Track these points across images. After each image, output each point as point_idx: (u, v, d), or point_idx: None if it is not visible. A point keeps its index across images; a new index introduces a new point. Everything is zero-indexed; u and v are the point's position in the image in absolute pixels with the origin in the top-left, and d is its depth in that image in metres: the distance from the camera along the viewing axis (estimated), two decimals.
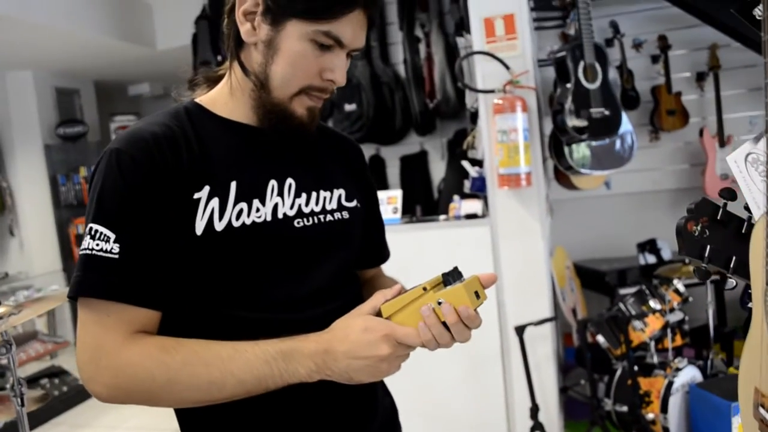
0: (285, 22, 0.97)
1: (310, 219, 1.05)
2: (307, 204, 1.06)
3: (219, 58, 4.47)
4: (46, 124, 5.81)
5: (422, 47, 4.19)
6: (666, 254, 3.88)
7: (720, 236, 0.83)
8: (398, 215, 2.97)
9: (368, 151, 4.33)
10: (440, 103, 4.09)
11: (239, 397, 0.93)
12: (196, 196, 0.95)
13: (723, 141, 3.94)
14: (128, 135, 0.97)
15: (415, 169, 4.52)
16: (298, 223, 1.03)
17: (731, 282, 0.88)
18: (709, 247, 0.81)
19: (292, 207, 1.04)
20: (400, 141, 4.41)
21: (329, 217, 1.08)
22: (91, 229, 0.92)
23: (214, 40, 4.50)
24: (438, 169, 4.48)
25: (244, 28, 1.00)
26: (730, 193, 0.87)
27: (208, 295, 0.98)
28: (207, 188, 0.96)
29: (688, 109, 4.06)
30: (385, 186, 4.37)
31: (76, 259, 5.65)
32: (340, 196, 1.12)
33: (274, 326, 0.96)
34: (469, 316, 0.89)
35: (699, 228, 0.81)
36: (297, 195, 1.05)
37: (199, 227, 0.95)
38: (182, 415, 1.04)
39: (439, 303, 0.89)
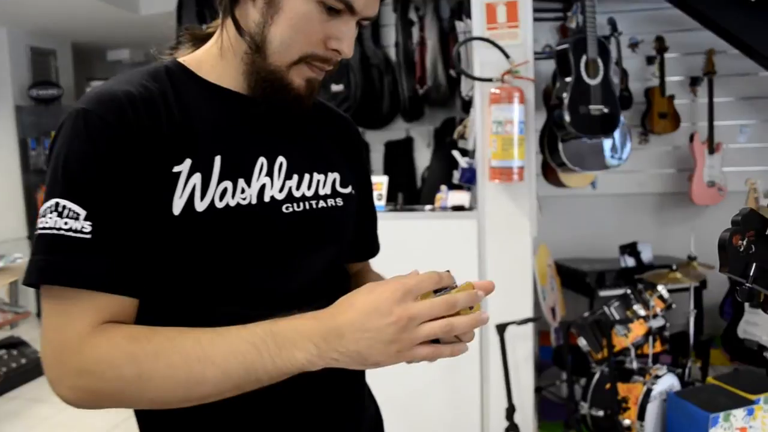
0: None
1: (301, 204, 0.93)
2: (298, 187, 0.94)
3: (204, 27, 4.30)
4: (18, 84, 5.59)
5: (415, 31, 4.09)
6: (646, 257, 3.85)
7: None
8: (382, 202, 2.87)
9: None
10: (430, 90, 4.00)
11: (229, 394, 0.79)
12: (175, 169, 0.82)
13: (712, 148, 3.91)
14: (97, 93, 0.83)
15: (399, 155, 4.43)
16: (287, 208, 0.91)
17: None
18: (754, 265, 0.73)
19: (281, 190, 0.91)
20: (386, 126, 4.32)
21: (322, 204, 0.96)
22: (57, 204, 0.78)
23: (200, 9, 4.34)
24: (423, 158, 4.39)
25: None
26: None
27: (183, 286, 0.85)
28: (188, 162, 0.83)
29: (679, 113, 4.01)
30: (366, 151, 4.26)
31: None
32: (334, 181, 1.00)
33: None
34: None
35: (745, 243, 0.72)
36: (288, 176, 0.92)
37: (177, 206, 0.82)
38: (142, 416, 0.92)
39: None
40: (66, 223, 0.77)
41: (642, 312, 2.71)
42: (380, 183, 2.89)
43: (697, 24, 3.53)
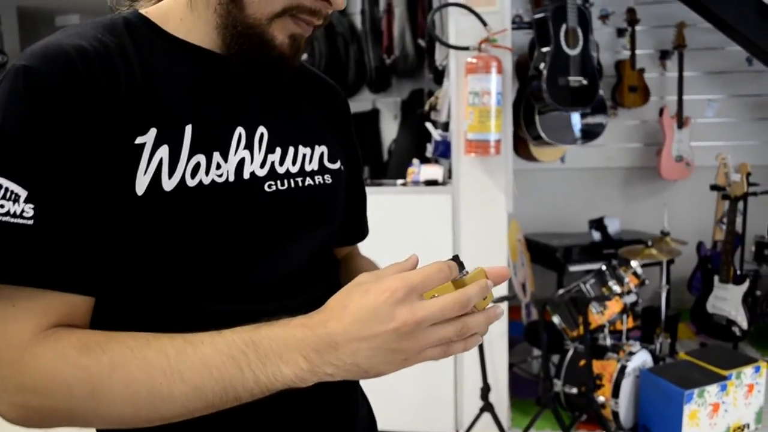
0: None
1: (286, 182, 0.80)
2: (281, 162, 0.80)
3: None
4: None
5: None
6: (613, 230, 3.83)
7: None
8: None
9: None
10: (398, 60, 3.87)
11: (200, 413, 0.65)
12: (138, 140, 0.68)
13: (681, 122, 3.89)
14: (42, 48, 0.67)
15: (365, 127, 4.30)
16: (270, 186, 0.77)
17: None
18: None
19: (263, 165, 0.77)
20: (351, 97, 4.18)
21: (309, 181, 0.83)
22: None
23: None
24: (389, 130, 4.28)
25: None
26: None
27: (149, 280, 0.71)
28: (153, 131, 0.69)
29: (649, 87, 3.97)
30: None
31: None
32: (322, 155, 0.86)
33: (238, 320, 0.68)
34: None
35: None
36: (270, 149, 0.79)
37: (141, 184, 0.67)
38: None
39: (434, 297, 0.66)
40: (2, 206, 0.62)
41: (617, 289, 2.68)
42: None
43: None
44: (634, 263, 2.77)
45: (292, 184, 0.81)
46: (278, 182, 0.79)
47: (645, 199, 4.16)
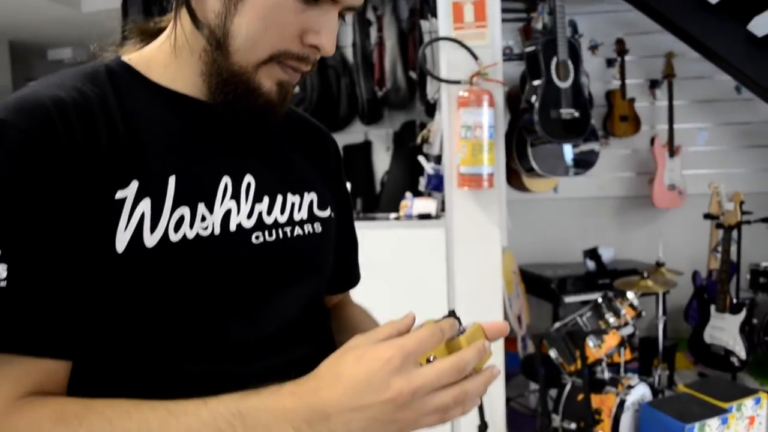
0: None
1: (274, 232, 0.77)
2: (269, 212, 0.78)
3: (154, 20, 4.09)
4: None
5: (373, 31, 3.96)
6: (606, 259, 3.82)
7: None
8: None
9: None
10: (389, 92, 3.88)
11: None
12: (119, 195, 0.66)
13: (672, 151, 3.90)
14: (19, 100, 0.66)
15: (357, 159, 4.30)
16: (257, 237, 0.75)
17: None
18: None
19: (250, 215, 0.75)
20: (343, 129, 4.18)
21: (298, 231, 0.80)
22: None
23: (147, 5, 4.13)
24: (382, 161, 4.27)
25: None
26: None
27: (131, 340, 0.68)
28: (135, 184, 0.67)
29: (640, 116, 3.99)
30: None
31: None
32: (311, 203, 0.84)
33: (223, 382, 0.66)
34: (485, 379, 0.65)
35: None
36: (257, 199, 0.77)
37: (122, 241, 0.65)
38: None
39: (429, 360, 0.63)
40: None
41: (614, 322, 2.65)
42: None
43: (656, 27, 3.52)
44: (630, 295, 2.75)
45: (281, 235, 0.78)
46: (266, 233, 0.77)
47: (639, 228, 4.15)
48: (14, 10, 4.75)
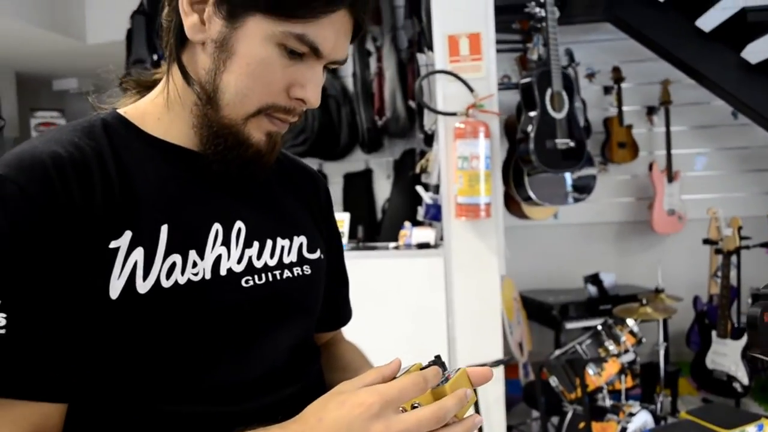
0: (245, 18, 0.73)
1: (263, 276, 0.80)
2: (259, 256, 0.81)
3: (155, 57, 4.16)
4: None
5: (373, 61, 4.02)
6: (608, 284, 3.82)
7: None
8: (344, 240, 2.76)
9: (311, 165, 4.10)
10: (389, 121, 3.92)
11: None
12: (113, 245, 0.69)
13: (671, 176, 3.93)
14: (18, 156, 0.69)
15: (358, 187, 4.34)
16: (247, 281, 0.78)
17: None
18: None
19: (240, 260, 0.78)
20: (344, 157, 4.22)
21: (287, 274, 0.83)
22: None
23: (151, 38, 4.20)
24: (383, 189, 4.31)
25: (190, 21, 0.75)
26: None
27: (123, 382, 0.71)
28: (128, 234, 0.70)
29: (637, 142, 4.03)
30: None
31: None
32: (301, 246, 0.87)
33: (211, 423, 0.70)
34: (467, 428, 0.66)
35: None
36: (247, 244, 0.80)
37: (115, 288, 0.68)
38: None
39: (414, 407, 0.65)
40: None
41: (614, 349, 2.65)
42: (341, 220, 2.78)
43: (652, 54, 3.57)
44: (630, 322, 2.75)
45: (270, 278, 0.81)
46: (255, 277, 0.79)
47: (639, 253, 4.16)
48: (21, 42, 4.83)
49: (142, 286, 0.70)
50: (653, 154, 4.10)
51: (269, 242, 0.83)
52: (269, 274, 0.81)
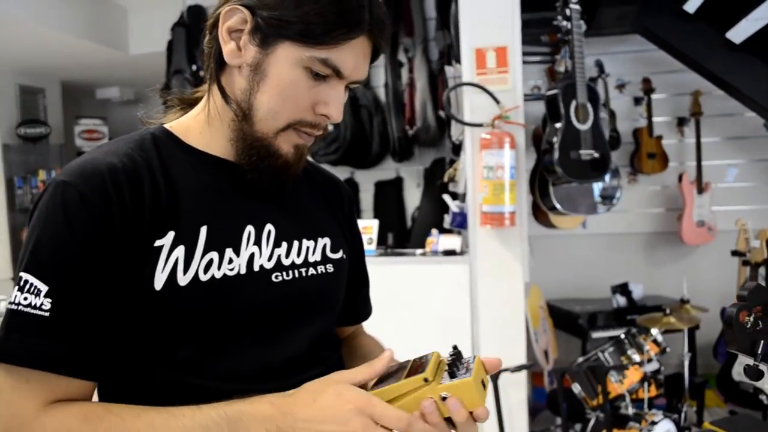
0: (276, 45, 0.83)
1: (291, 273, 0.91)
2: (287, 255, 0.91)
3: (194, 67, 4.31)
4: (6, 122, 5.55)
5: (405, 72, 4.10)
6: (637, 296, 3.83)
7: None
8: (373, 246, 2.84)
9: (342, 174, 4.21)
10: (420, 131, 4.00)
11: None
12: (157, 243, 0.81)
13: (701, 188, 3.92)
14: (80, 166, 0.81)
15: (389, 195, 4.42)
16: (276, 277, 0.89)
17: None
18: (762, 342, 0.70)
19: (270, 258, 0.89)
20: (376, 166, 4.31)
21: (312, 271, 0.94)
22: (20, 279, 0.77)
23: (190, 49, 4.35)
24: (413, 197, 4.38)
25: (228, 48, 0.85)
26: None
27: (163, 360, 0.83)
28: (171, 234, 0.82)
29: (667, 153, 4.04)
30: (357, 211, 4.25)
31: None
32: (325, 246, 0.98)
33: (242, 397, 0.80)
34: (480, 415, 0.75)
35: (752, 319, 0.70)
36: (276, 244, 0.91)
37: (159, 281, 0.80)
38: None
39: (443, 398, 0.74)
40: (26, 299, 0.76)
41: (636, 357, 2.68)
42: (370, 227, 2.87)
43: (683, 66, 3.59)
44: (654, 331, 2.78)
45: (296, 275, 0.91)
46: (284, 273, 0.90)
47: (668, 264, 4.16)
48: (68, 53, 5.03)
49: (183, 279, 0.81)
50: (684, 165, 4.10)
51: (296, 243, 0.93)
52: (296, 271, 0.91)
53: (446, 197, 2.82)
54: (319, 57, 0.83)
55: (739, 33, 3.41)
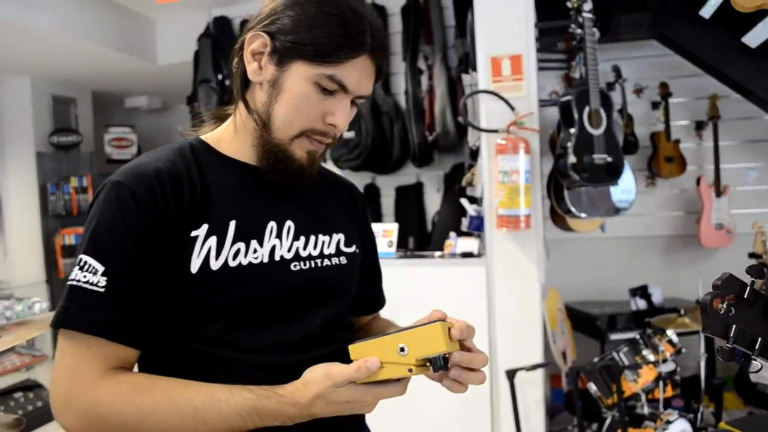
0: (290, 63, 0.97)
1: (307, 263, 1.05)
2: (305, 247, 1.05)
3: (219, 77, 4.44)
4: (40, 131, 5.73)
5: (424, 79, 4.19)
6: (657, 299, 3.86)
7: (746, 315, 0.80)
8: (393, 249, 2.93)
9: (364, 179, 4.31)
10: (439, 136, 4.07)
11: None
12: (193, 234, 0.95)
13: (719, 191, 3.95)
14: (131, 169, 0.97)
15: (410, 200, 4.49)
16: (295, 266, 1.03)
17: (755, 365, 0.84)
18: (734, 326, 0.78)
19: (289, 250, 1.03)
20: (396, 171, 4.39)
21: (326, 262, 1.07)
22: (80, 260, 0.91)
23: (216, 59, 4.48)
24: (433, 202, 4.45)
25: (251, 68, 1.00)
26: (758, 271, 0.84)
27: (196, 333, 0.96)
28: (205, 227, 0.96)
29: (685, 157, 4.07)
30: (378, 216, 4.34)
31: (60, 271, 5.56)
32: (339, 241, 1.11)
33: (262, 368, 0.96)
34: (455, 357, 0.89)
35: (725, 306, 0.78)
36: (295, 238, 1.05)
37: (195, 265, 0.94)
38: None
39: (402, 349, 0.88)
40: (85, 277, 0.90)
41: (651, 357, 2.72)
42: (390, 230, 2.95)
43: (700, 70, 3.62)
44: (669, 331, 2.82)
45: (312, 265, 1.05)
46: (301, 263, 1.03)
47: (686, 267, 4.18)
48: (99, 64, 5.20)
49: (215, 264, 0.95)
50: (703, 169, 4.13)
51: (313, 237, 1.07)
52: (312, 262, 1.05)
53: (463, 201, 2.90)
54: (327, 74, 0.96)
55: (755, 37, 3.44)
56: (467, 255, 2.79)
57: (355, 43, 0.96)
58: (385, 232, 2.94)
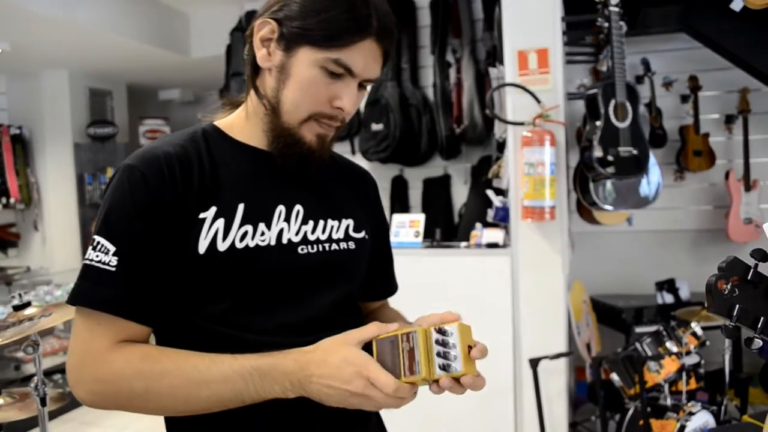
0: (297, 49, 0.99)
1: (315, 247, 1.06)
2: (313, 232, 1.07)
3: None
4: (77, 123, 5.91)
5: (452, 72, 4.22)
6: (684, 294, 3.86)
7: (750, 296, 0.84)
8: (419, 239, 2.99)
9: (392, 171, 4.36)
10: (467, 129, 4.10)
11: (217, 409, 0.95)
12: (201, 215, 0.98)
13: (749, 185, 3.93)
14: (143, 152, 1.00)
15: (437, 192, 4.53)
16: (302, 249, 1.05)
17: (758, 342, 0.89)
18: (737, 306, 0.83)
19: (297, 233, 1.05)
20: (424, 163, 4.43)
21: (334, 247, 1.09)
22: (93, 240, 0.95)
23: None
24: (460, 194, 4.49)
25: (260, 54, 1.02)
26: (762, 254, 0.88)
27: (205, 312, 0.99)
28: (213, 209, 0.99)
29: (714, 150, 4.05)
30: (406, 207, 4.39)
31: None
32: (348, 226, 1.13)
33: (267, 348, 0.97)
34: (467, 382, 0.91)
35: (729, 287, 0.83)
36: (304, 222, 1.06)
37: (202, 246, 0.97)
38: (170, 422, 1.06)
39: (470, 347, 0.92)
40: (97, 256, 0.94)
41: (674, 348, 2.74)
42: (417, 220, 3.01)
43: (730, 63, 3.60)
44: (693, 324, 2.83)
45: (320, 249, 1.07)
46: (309, 247, 1.06)
47: (714, 262, 4.04)
48: (134, 58, 5.33)
49: (222, 246, 0.98)
50: (732, 163, 4.10)
51: (321, 222, 1.09)
52: (320, 246, 1.07)
53: (489, 192, 2.95)
54: (333, 57, 0.98)
55: None
56: (493, 246, 2.84)
57: (361, 26, 0.97)
58: (412, 223, 3.00)
